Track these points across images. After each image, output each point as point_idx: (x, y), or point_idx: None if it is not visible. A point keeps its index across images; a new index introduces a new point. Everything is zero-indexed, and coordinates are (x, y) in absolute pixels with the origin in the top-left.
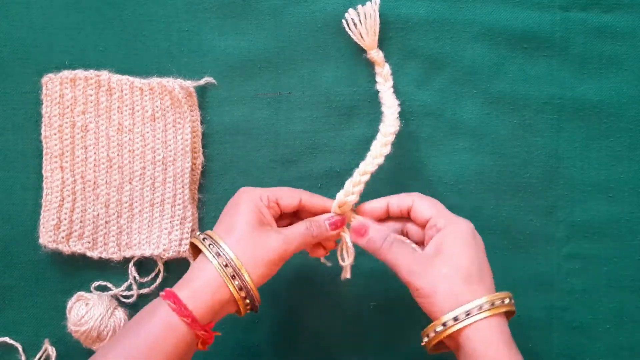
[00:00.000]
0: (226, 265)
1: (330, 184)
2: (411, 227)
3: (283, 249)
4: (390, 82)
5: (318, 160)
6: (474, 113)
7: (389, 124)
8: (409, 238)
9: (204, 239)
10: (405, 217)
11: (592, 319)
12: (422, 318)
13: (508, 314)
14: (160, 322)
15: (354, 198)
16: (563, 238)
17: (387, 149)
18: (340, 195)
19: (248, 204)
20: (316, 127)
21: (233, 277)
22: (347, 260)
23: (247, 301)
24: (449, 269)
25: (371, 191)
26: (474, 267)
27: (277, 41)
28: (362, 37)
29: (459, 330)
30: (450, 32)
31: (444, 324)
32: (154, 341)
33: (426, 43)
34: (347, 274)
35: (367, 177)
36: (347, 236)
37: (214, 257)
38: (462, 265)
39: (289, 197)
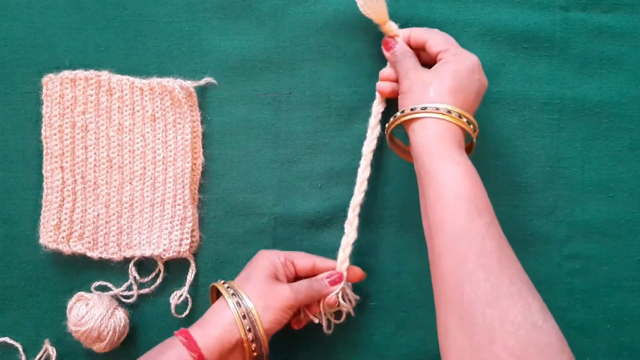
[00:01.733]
0: (244, 317)
1: (330, 184)
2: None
3: (292, 298)
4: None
5: (318, 160)
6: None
7: (368, 142)
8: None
9: (228, 287)
10: (422, 46)
11: (592, 319)
12: (422, 318)
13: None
14: (174, 357)
15: (349, 249)
16: (563, 238)
17: (368, 172)
18: (340, 253)
19: (265, 260)
20: (316, 127)
21: (249, 330)
22: (347, 304)
23: (255, 354)
24: (430, 77)
25: (371, 192)
26: (452, 84)
27: (277, 41)
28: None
29: (412, 120)
30: (450, 32)
31: (402, 112)
32: None
33: None
34: (346, 315)
35: (358, 210)
36: (347, 287)
37: (234, 305)
38: (445, 80)
39: (304, 258)
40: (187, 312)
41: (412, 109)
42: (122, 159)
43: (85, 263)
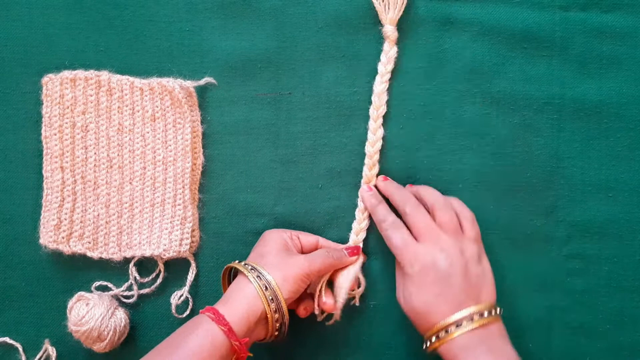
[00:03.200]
0: (266, 288)
1: (330, 184)
2: None
3: (307, 267)
4: (391, 66)
5: (318, 160)
6: (474, 113)
7: (371, 141)
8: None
9: (245, 264)
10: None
11: (592, 319)
12: None
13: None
14: (203, 332)
15: (363, 235)
16: (563, 238)
17: (376, 170)
18: (353, 230)
19: (274, 237)
20: (316, 127)
21: (271, 300)
22: (357, 290)
23: (278, 325)
24: (436, 278)
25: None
26: (460, 287)
27: (277, 41)
28: (387, 7)
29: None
30: (450, 32)
31: (446, 330)
32: (197, 350)
33: (426, 42)
34: (356, 302)
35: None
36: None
37: (255, 279)
38: (445, 281)
39: (308, 235)
40: (187, 312)
41: (446, 331)
42: (122, 159)
43: (85, 263)
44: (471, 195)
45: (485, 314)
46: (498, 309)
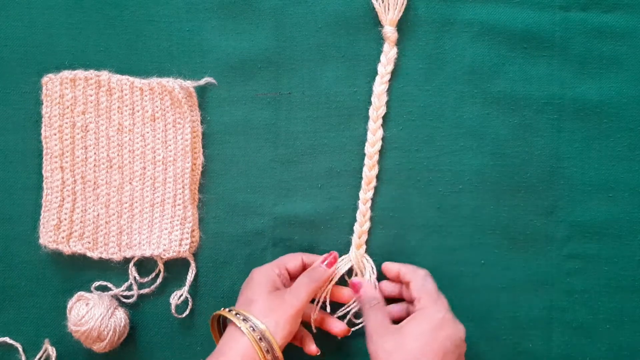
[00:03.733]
0: (260, 340)
1: (330, 184)
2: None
3: (296, 305)
4: (391, 67)
5: (318, 160)
6: (474, 113)
7: (371, 142)
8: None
9: (236, 314)
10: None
11: (592, 319)
12: None
13: None
14: None
15: (365, 237)
16: (563, 238)
17: (375, 170)
18: (355, 233)
19: (261, 279)
20: (316, 127)
21: (267, 351)
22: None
23: None
24: (394, 346)
25: (373, 192)
26: (417, 351)
27: (277, 41)
28: (387, 8)
29: None
30: (450, 32)
31: None
32: None
33: (426, 43)
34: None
35: (370, 204)
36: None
37: (248, 331)
38: (406, 346)
39: (292, 259)
40: (187, 312)
41: None
42: (122, 159)
43: (85, 263)
44: (471, 195)
45: None
46: None
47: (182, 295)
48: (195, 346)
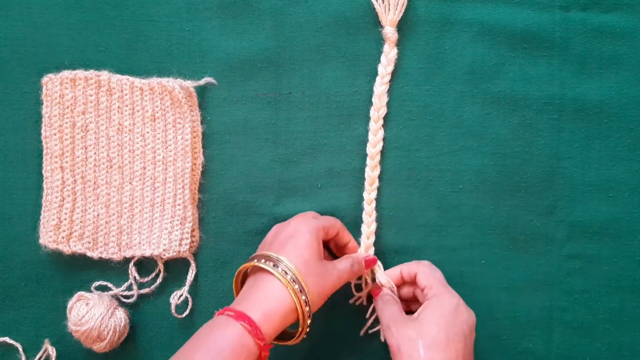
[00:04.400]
0: (306, 304)
1: (330, 184)
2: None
3: (337, 283)
4: (391, 68)
5: (318, 160)
6: (474, 113)
7: (372, 143)
8: (419, 300)
9: (274, 265)
10: (414, 280)
11: (592, 319)
12: None
13: None
14: (234, 341)
15: (373, 238)
16: (563, 238)
17: (378, 170)
18: (364, 234)
19: (312, 235)
20: (316, 127)
21: (306, 303)
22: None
23: (309, 322)
24: (416, 333)
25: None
26: (440, 336)
27: (277, 41)
28: (387, 9)
29: None
30: (450, 32)
31: None
32: (223, 346)
33: (426, 43)
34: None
35: (374, 204)
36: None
37: (288, 282)
38: (428, 332)
39: (334, 227)
40: (187, 312)
41: None
42: (122, 159)
43: (85, 263)
44: (471, 195)
45: None
46: None
47: (182, 295)
48: None
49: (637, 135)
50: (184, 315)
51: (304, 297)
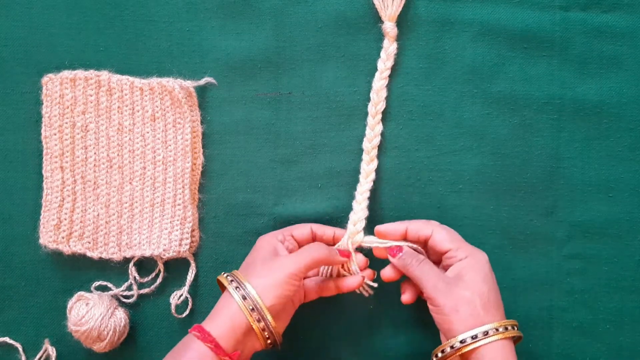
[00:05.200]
0: (244, 298)
1: (330, 184)
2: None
3: (292, 267)
4: (391, 63)
5: (318, 160)
6: (474, 113)
7: (369, 137)
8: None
9: (227, 276)
10: (422, 242)
11: (592, 319)
12: (422, 318)
13: (515, 339)
14: (192, 353)
15: (362, 224)
16: (563, 238)
17: (374, 164)
18: (351, 220)
19: (263, 243)
20: (316, 127)
21: (252, 309)
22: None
23: (266, 334)
24: (471, 293)
25: (374, 192)
26: (492, 295)
27: (277, 41)
28: (387, 4)
29: (474, 349)
30: (450, 32)
31: (461, 341)
32: None
33: (426, 43)
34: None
35: (367, 194)
36: (353, 264)
37: (234, 290)
38: (483, 292)
39: (301, 227)
40: (187, 312)
41: (473, 337)
42: (122, 159)
43: (85, 263)
44: (471, 195)
45: (516, 328)
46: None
47: (182, 295)
48: None
49: (637, 135)
50: (184, 315)
51: (255, 315)
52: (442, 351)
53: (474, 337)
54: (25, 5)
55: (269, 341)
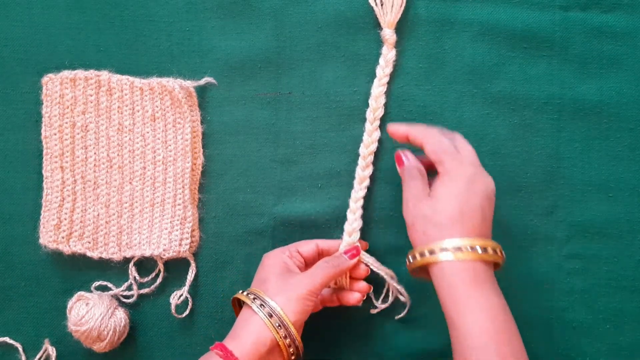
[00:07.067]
0: (271, 316)
1: (330, 184)
2: None
3: (310, 284)
4: (390, 70)
5: (318, 160)
6: (474, 113)
7: (366, 143)
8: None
9: (247, 294)
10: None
11: (592, 319)
12: (422, 318)
13: (496, 264)
14: None
15: (357, 235)
16: (563, 238)
17: (369, 170)
18: (346, 231)
19: (272, 260)
20: (316, 127)
21: (279, 326)
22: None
23: (291, 350)
24: (431, 211)
25: (373, 192)
26: (454, 213)
27: (277, 41)
28: (385, 11)
29: (429, 265)
30: (450, 32)
31: (413, 256)
32: None
33: (426, 43)
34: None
35: (361, 202)
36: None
37: (259, 308)
38: (442, 210)
39: (306, 243)
40: (187, 312)
41: (420, 254)
42: (122, 159)
43: (85, 263)
44: None
45: (498, 251)
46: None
47: (182, 295)
48: (196, 346)
49: (637, 135)
50: (184, 315)
51: (282, 332)
52: (408, 260)
53: (422, 255)
54: (25, 5)
55: (293, 357)
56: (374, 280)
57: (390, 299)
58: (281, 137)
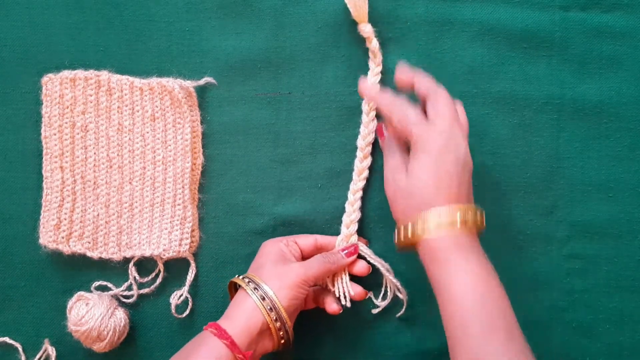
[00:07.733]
0: (263, 299)
1: (330, 184)
2: None
3: (303, 273)
4: (380, 58)
5: (318, 160)
6: (474, 113)
7: (363, 135)
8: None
9: (243, 278)
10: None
11: (592, 319)
12: (422, 318)
13: (478, 226)
14: (207, 348)
15: (355, 227)
16: (563, 238)
17: (367, 162)
18: (344, 223)
19: (270, 248)
20: (316, 127)
21: (270, 309)
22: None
23: (281, 333)
24: (406, 185)
25: (372, 191)
26: (428, 184)
27: (277, 41)
28: (353, 8)
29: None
30: (450, 32)
31: (398, 233)
32: None
33: (426, 43)
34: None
35: (360, 194)
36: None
37: (252, 291)
38: (416, 182)
39: (306, 237)
40: (187, 312)
41: (404, 229)
42: (122, 159)
43: (85, 263)
44: None
45: (478, 215)
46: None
47: (182, 295)
48: None
49: (637, 135)
50: (184, 315)
51: (274, 315)
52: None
53: (405, 229)
54: (25, 5)
55: (282, 340)
56: (373, 280)
57: (389, 294)
58: (281, 137)
